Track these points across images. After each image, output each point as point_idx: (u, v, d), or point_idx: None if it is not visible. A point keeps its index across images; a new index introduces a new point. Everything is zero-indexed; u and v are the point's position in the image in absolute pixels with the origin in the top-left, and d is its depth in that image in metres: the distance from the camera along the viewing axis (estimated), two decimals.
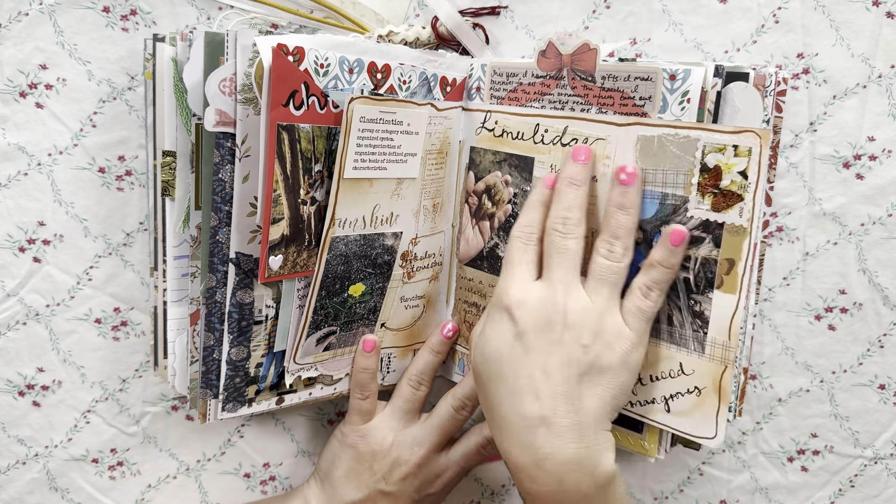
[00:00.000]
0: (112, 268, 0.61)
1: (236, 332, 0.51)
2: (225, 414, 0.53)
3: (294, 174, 0.48)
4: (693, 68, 0.45)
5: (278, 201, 0.48)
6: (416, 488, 0.57)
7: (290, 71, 0.46)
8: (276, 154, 0.47)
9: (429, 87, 0.54)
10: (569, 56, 0.50)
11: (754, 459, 0.64)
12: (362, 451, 0.57)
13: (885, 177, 0.58)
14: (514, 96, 0.54)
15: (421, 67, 0.53)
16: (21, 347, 0.61)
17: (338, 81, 0.49)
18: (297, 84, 0.47)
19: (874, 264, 0.60)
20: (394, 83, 0.52)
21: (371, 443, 0.57)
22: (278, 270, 0.50)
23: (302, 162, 0.48)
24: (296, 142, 0.48)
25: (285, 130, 0.47)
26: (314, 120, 0.48)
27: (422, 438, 0.57)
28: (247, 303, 0.51)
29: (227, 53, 0.47)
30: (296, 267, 0.51)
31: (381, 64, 0.51)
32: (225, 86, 0.47)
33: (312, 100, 0.48)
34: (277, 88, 0.46)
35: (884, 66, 0.56)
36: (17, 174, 0.58)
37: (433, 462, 0.57)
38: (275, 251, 0.49)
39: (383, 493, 0.56)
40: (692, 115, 0.45)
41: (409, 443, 0.57)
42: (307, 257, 0.51)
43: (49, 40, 0.56)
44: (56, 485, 0.64)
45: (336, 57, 0.49)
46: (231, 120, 0.47)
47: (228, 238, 0.49)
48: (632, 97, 0.48)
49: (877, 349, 0.61)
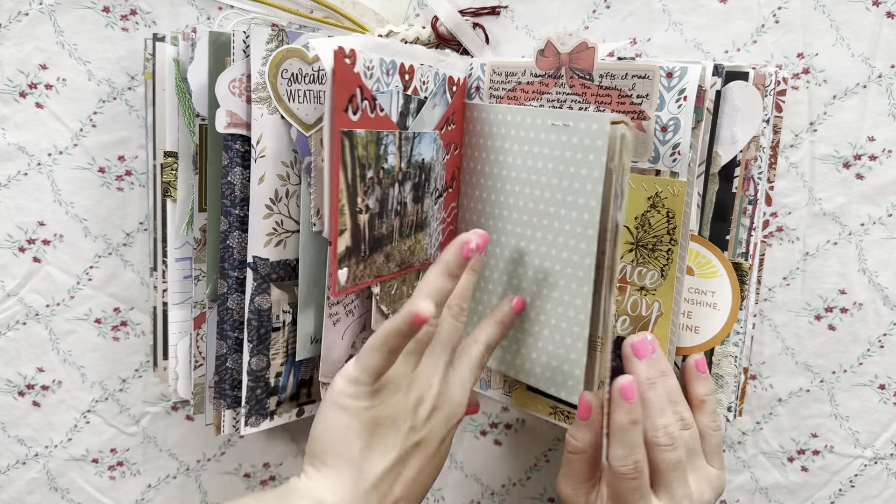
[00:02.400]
0: (112, 268, 0.61)
1: (256, 340, 0.50)
2: (248, 429, 0.51)
3: (353, 182, 0.46)
4: (690, 66, 0.45)
5: (343, 211, 0.45)
6: (444, 420, 0.49)
7: (349, 75, 0.44)
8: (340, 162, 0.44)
9: (444, 88, 0.53)
10: (567, 55, 0.50)
11: (754, 459, 0.64)
12: (379, 413, 0.46)
13: (885, 177, 0.58)
14: (513, 95, 0.54)
15: (435, 67, 0.52)
16: (21, 347, 0.61)
17: (379, 84, 0.47)
18: (354, 88, 0.45)
19: (874, 264, 0.60)
20: (417, 84, 0.51)
21: (388, 401, 0.47)
22: (345, 284, 0.47)
23: (359, 169, 0.46)
24: (354, 148, 0.45)
25: (346, 137, 0.44)
26: (367, 124, 0.46)
27: (433, 366, 0.49)
28: (265, 308, 0.50)
29: (234, 54, 0.46)
30: (355, 280, 0.48)
31: (407, 65, 0.49)
32: (234, 86, 0.46)
33: (365, 104, 0.46)
34: (340, 93, 0.43)
35: (884, 66, 0.56)
36: (17, 174, 0.58)
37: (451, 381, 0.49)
38: (342, 264, 0.46)
39: (415, 444, 0.47)
40: (689, 112, 0.46)
41: (425, 375, 0.48)
42: (363, 269, 0.48)
43: (49, 40, 0.56)
44: (56, 485, 0.64)
45: (377, 59, 0.47)
46: (242, 121, 0.47)
47: (239, 242, 0.48)
48: (629, 95, 0.48)
49: (877, 349, 0.61)
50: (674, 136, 0.46)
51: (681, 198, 0.46)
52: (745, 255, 0.49)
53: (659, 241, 0.48)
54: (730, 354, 0.50)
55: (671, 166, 0.47)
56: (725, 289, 0.49)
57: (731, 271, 0.48)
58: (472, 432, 0.66)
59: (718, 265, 0.49)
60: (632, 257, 0.49)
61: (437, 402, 0.48)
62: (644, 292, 0.49)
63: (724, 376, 0.50)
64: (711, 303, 0.49)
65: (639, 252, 0.48)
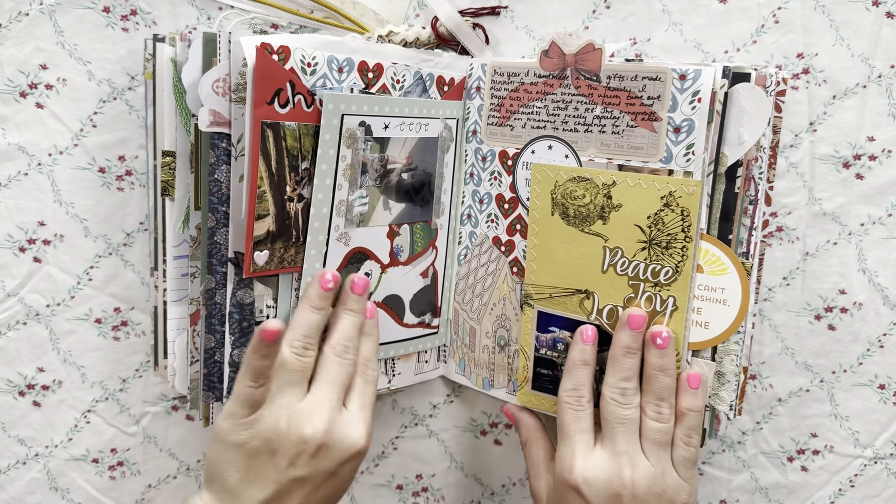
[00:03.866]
0: (112, 268, 0.61)
1: (238, 333, 0.51)
2: None
3: (280, 171, 0.49)
4: (703, 68, 0.46)
5: (263, 197, 0.48)
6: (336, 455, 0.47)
7: (274, 69, 0.47)
8: (261, 151, 0.47)
9: (424, 87, 0.54)
10: (573, 56, 0.50)
11: (754, 459, 0.64)
12: (255, 447, 0.47)
13: (885, 177, 0.58)
14: (516, 96, 0.54)
15: (415, 67, 0.54)
16: (21, 347, 0.61)
17: (326, 80, 0.49)
18: (283, 82, 0.47)
19: (874, 264, 0.60)
20: (386, 82, 0.52)
21: (263, 432, 0.47)
22: (264, 266, 0.50)
23: (288, 159, 0.49)
24: (281, 139, 0.48)
25: (270, 128, 0.47)
26: (300, 118, 0.49)
27: (318, 402, 0.48)
28: (247, 303, 0.51)
29: (220, 54, 0.47)
30: (283, 263, 0.51)
31: (372, 63, 0.51)
32: (218, 86, 0.47)
33: (299, 98, 0.48)
34: (261, 86, 0.46)
35: (884, 66, 0.56)
36: (18, 174, 0.58)
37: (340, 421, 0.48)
38: (260, 246, 0.49)
39: (297, 480, 0.47)
40: (703, 114, 0.46)
41: (306, 412, 0.47)
42: (294, 253, 0.51)
43: (49, 40, 0.56)
44: (56, 485, 0.64)
45: (324, 56, 0.49)
46: (225, 120, 0.48)
47: (226, 238, 0.49)
48: (639, 97, 0.48)
49: (877, 349, 0.61)
50: (687, 137, 0.47)
51: (696, 196, 0.47)
52: (745, 254, 0.50)
53: (673, 239, 0.48)
54: (732, 352, 0.50)
55: (685, 166, 0.47)
56: (735, 285, 0.49)
57: (741, 268, 0.49)
58: (473, 432, 0.66)
59: (728, 262, 0.49)
60: (645, 255, 0.49)
61: (326, 438, 0.47)
62: (658, 288, 0.49)
63: (727, 374, 0.50)
64: (721, 299, 0.50)
65: (652, 250, 0.49)
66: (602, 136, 0.50)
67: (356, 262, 0.54)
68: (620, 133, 0.49)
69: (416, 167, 0.56)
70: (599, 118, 0.50)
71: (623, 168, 0.50)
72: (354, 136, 0.51)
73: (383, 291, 0.56)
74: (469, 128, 0.57)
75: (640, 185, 0.48)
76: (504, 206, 0.56)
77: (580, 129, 0.51)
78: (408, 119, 0.53)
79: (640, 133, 0.49)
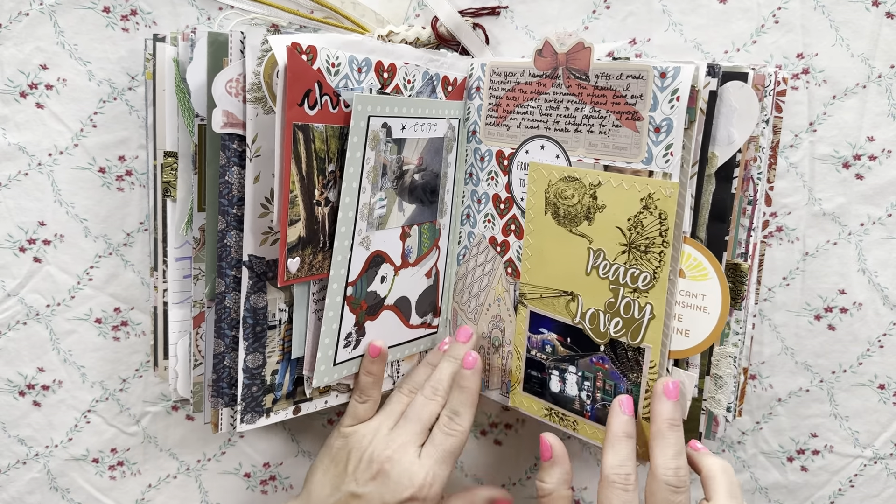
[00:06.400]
0: (112, 268, 0.61)
1: (251, 338, 0.50)
2: (244, 426, 0.51)
3: (309, 174, 0.48)
4: (683, 66, 0.45)
5: (295, 202, 0.47)
6: (389, 488, 0.51)
7: (305, 70, 0.46)
8: (293, 154, 0.46)
9: (433, 87, 0.54)
10: (564, 55, 0.50)
11: (754, 459, 0.64)
12: (339, 451, 0.54)
13: (885, 177, 0.58)
14: (512, 96, 0.54)
15: (424, 67, 0.53)
16: (21, 347, 0.61)
17: (348, 80, 0.49)
18: (311, 83, 0.46)
19: (874, 264, 0.60)
20: (399, 83, 0.52)
21: (351, 442, 0.54)
22: (296, 273, 0.49)
23: (316, 162, 0.48)
24: (310, 141, 0.47)
25: (301, 130, 0.46)
26: (328, 119, 0.48)
27: (398, 433, 0.53)
28: (261, 307, 0.50)
29: (231, 54, 0.46)
30: (312, 269, 0.50)
31: (387, 63, 0.51)
32: (231, 86, 0.47)
33: (325, 99, 0.47)
34: (293, 88, 0.45)
35: (883, 66, 0.56)
36: (18, 174, 0.58)
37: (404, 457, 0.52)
38: (292, 253, 0.48)
39: (353, 494, 0.52)
40: (681, 113, 0.45)
41: (385, 438, 0.53)
42: (322, 259, 0.50)
43: (49, 40, 0.56)
44: (56, 485, 0.64)
45: (346, 56, 0.48)
46: (239, 121, 0.47)
47: (236, 241, 0.49)
48: (623, 95, 0.48)
49: (877, 349, 0.61)
50: (667, 137, 0.46)
51: (673, 199, 0.46)
52: (744, 255, 0.49)
53: (651, 243, 0.47)
54: (729, 355, 0.49)
55: (664, 167, 0.46)
56: (716, 292, 0.48)
57: (722, 275, 0.47)
58: (472, 432, 0.66)
59: (709, 268, 0.48)
60: (625, 259, 0.48)
61: (386, 466, 0.52)
62: (637, 294, 0.48)
63: (723, 377, 0.50)
64: (702, 306, 0.48)
65: (631, 254, 0.48)
66: (590, 135, 0.50)
67: (374, 265, 0.54)
68: (607, 133, 0.49)
69: (426, 168, 0.55)
70: (588, 118, 0.50)
71: (608, 168, 0.49)
72: (378, 138, 0.50)
73: (395, 294, 0.56)
74: (469, 128, 0.57)
75: (622, 185, 0.48)
76: (500, 206, 0.56)
77: (570, 128, 0.51)
78: (421, 120, 0.53)
79: (623, 133, 0.48)
